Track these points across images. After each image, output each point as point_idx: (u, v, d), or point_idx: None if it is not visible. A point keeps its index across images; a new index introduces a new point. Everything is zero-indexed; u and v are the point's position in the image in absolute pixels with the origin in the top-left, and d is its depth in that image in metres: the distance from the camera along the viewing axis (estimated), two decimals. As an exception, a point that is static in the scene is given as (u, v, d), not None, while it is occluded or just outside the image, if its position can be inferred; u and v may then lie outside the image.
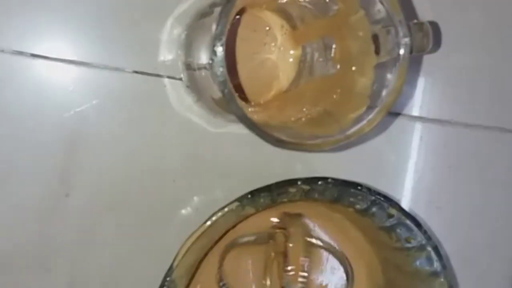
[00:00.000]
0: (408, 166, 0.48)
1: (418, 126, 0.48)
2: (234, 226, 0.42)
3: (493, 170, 0.49)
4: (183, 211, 0.45)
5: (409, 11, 0.46)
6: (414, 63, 0.46)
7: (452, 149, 0.49)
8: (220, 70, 0.32)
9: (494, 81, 0.49)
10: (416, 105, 0.48)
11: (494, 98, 0.49)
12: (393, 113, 0.47)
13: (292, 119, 0.37)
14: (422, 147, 0.48)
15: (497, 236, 0.50)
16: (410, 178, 0.48)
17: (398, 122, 0.48)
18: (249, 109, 0.40)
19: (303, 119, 0.37)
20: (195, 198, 0.45)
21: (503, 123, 0.49)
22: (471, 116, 0.49)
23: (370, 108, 0.35)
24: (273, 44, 0.43)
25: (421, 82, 0.48)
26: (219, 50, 0.31)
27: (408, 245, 0.42)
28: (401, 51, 0.34)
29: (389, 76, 0.35)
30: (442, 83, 0.48)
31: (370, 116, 0.34)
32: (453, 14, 0.47)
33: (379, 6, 0.34)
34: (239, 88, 0.43)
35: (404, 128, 0.48)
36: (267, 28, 0.43)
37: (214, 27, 0.33)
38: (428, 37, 0.35)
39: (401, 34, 0.34)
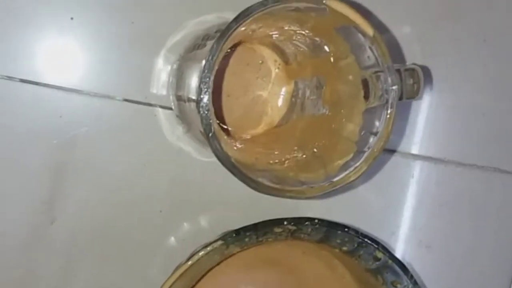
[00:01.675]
0: (399, 204, 0.48)
1: (411, 164, 0.47)
2: (218, 263, 0.41)
3: (486, 211, 0.49)
4: (169, 242, 0.45)
5: (399, 52, 0.45)
6: (406, 101, 0.46)
7: (444, 188, 0.48)
8: (205, 114, 0.32)
9: (488, 121, 0.48)
10: (409, 143, 0.47)
11: (488, 138, 0.48)
12: (386, 150, 0.47)
13: (277, 160, 0.37)
14: (414, 185, 0.48)
15: (488, 278, 0.49)
16: (401, 216, 0.48)
17: (390, 159, 0.47)
18: (236, 146, 0.39)
19: (290, 162, 0.37)
20: (182, 229, 0.45)
21: (497, 163, 0.48)
22: (465, 155, 0.48)
23: (357, 154, 0.35)
24: (265, 78, 0.43)
25: (414, 120, 0.47)
26: (205, 98, 0.31)
27: (394, 289, 0.42)
28: (390, 98, 0.34)
29: (377, 123, 0.34)
30: (436, 121, 0.47)
31: (357, 164, 0.34)
32: (446, 53, 0.47)
33: (369, 53, 0.34)
34: (227, 122, 0.42)
35: (396, 166, 0.47)
36: (260, 61, 0.43)
37: (203, 63, 0.33)
38: (419, 84, 0.35)
39: (389, 81, 0.34)
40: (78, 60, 0.42)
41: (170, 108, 0.43)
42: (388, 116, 0.34)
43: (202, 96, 0.32)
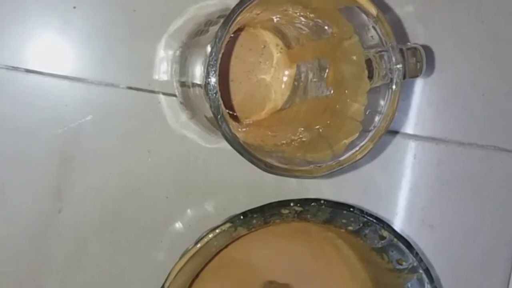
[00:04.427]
0: (401, 184, 0.48)
1: (412, 144, 0.48)
2: (226, 246, 0.42)
3: (487, 189, 0.49)
4: (176, 228, 0.45)
5: (401, 32, 0.46)
6: (408, 81, 0.46)
7: (445, 168, 0.49)
8: (214, 96, 0.32)
9: (488, 100, 0.49)
10: (410, 123, 0.48)
11: (488, 117, 0.49)
12: (388, 131, 0.47)
13: (284, 141, 0.37)
14: (416, 165, 0.48)
15: (490, 256, 0.50)
16: (404, 196, 0.48)
17: (392, 140, 0.48)
18: (241, 129, 0.40)
19: (296, 142, 0.37)
20: (188, 215, 0.45)
21: (497, 141, 0.49)
22: (465, 135, 0.49)
23: (363, 133, 0.35)
24: (268, 62, 0.43)
25: (415, 100, 0.48)
26: (213, 80, 0.31)
27: (400, 267, 0.42)
28: (394, 77, 0.34)
29: (382, 102, 0.35)
30: (437, 101, 0.48)
31: (363, 143, 0.34)
32: (447, 33, 0.47)
33: (372, 33, 0.34)
34: (231, 107, 0.43)
35: (398, 146, 0.48)
36: (263, 46, 0.43)
37: (208, 49, 0.33)
38: (422, 63, 0.35)
39: (394, 60, 0.34)
40: (82, 49, 0.42)
41: (174, 95, 0.44)
42: (392, 94, 0.34)
43: (209, 79, 0.32)
